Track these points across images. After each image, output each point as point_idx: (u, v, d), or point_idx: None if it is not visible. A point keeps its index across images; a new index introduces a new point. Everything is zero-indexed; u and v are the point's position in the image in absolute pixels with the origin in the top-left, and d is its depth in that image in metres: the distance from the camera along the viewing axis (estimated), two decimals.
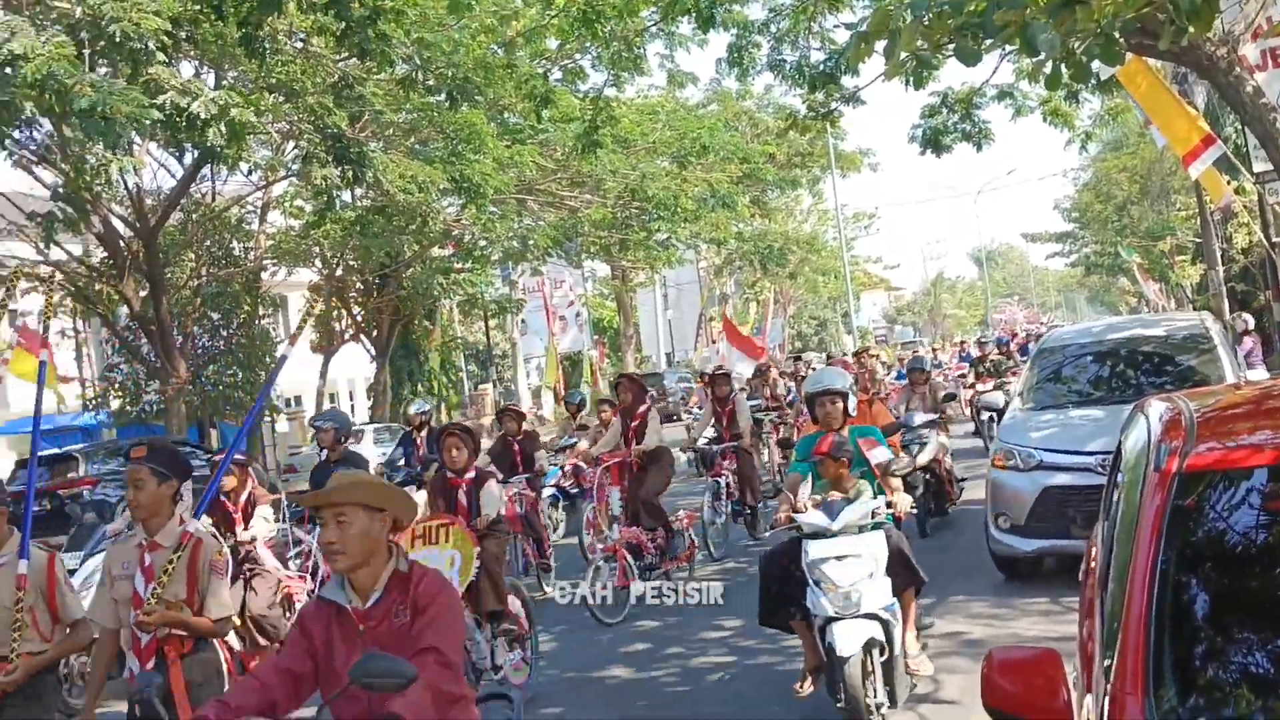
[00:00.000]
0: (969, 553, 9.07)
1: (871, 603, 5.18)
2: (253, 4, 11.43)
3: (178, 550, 4.20)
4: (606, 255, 29.19)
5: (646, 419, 9.70)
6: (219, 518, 7.33)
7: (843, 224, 39.53)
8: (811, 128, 15.26)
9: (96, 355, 27.86)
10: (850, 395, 6.05)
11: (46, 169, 17.63)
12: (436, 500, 6.89)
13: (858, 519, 5.35)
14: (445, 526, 6.02)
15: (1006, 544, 8.01)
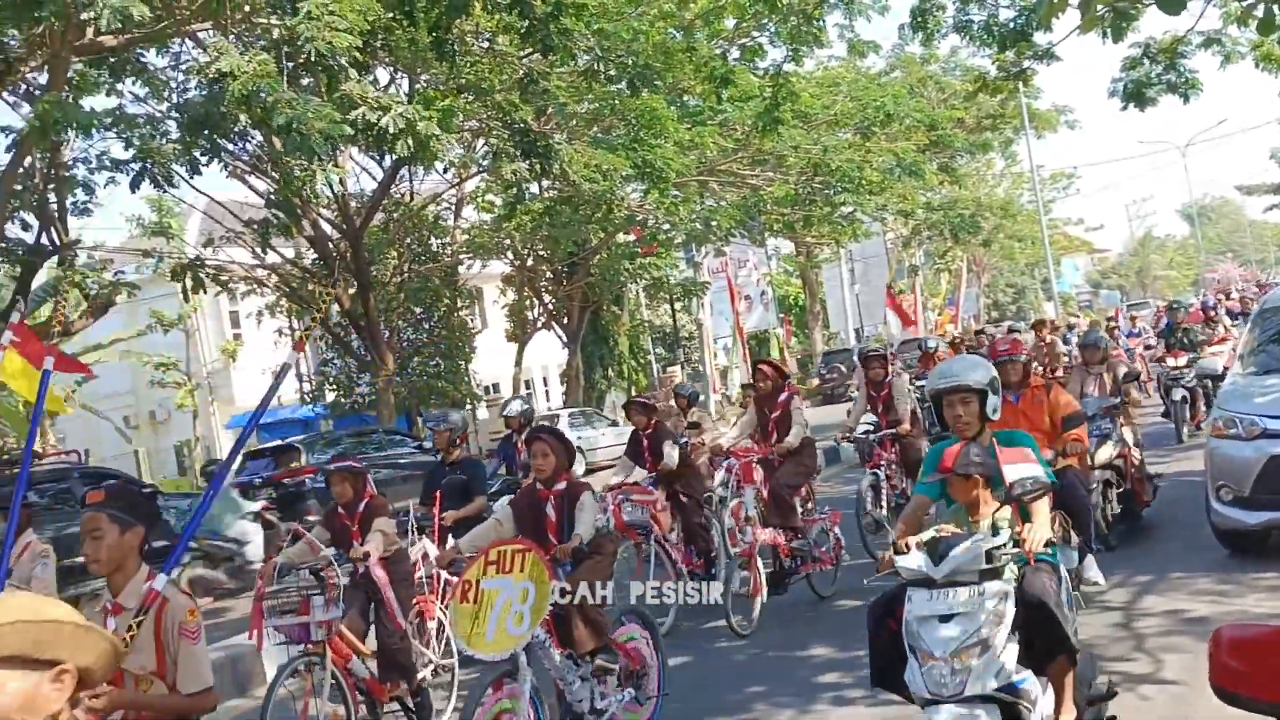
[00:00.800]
0: (1187, 527, 8.63)
1: (984, 680, 3.88)
2: (442, 8, 11.91)
3: (141, 613, 3.54)
4: (790, 232, 28.96)
5: (789, 410, 8.69)
6: (336, 532, 6.69)
7: (1039, 186, 37.94)
8: (1003, 89, 14.67)
9: (311, 351, 29.58)
10: (991, 392, 4.62)
11: (259, 178, 18.81)
12: (524, 515, 5.72)
13: (969, 562, 4.00)
14: (522, 553, 5.11)
15: (1230, 517, 7.56)
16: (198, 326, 32.94)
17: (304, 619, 5.88)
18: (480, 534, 5.74)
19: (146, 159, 12.73)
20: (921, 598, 4.01)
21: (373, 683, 6.24)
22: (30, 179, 15.00)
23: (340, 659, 6.00)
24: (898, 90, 23.60)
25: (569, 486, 5.70)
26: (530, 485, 5.94)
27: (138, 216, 23.50)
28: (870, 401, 10.28)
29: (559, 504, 5.64)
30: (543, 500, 5.69)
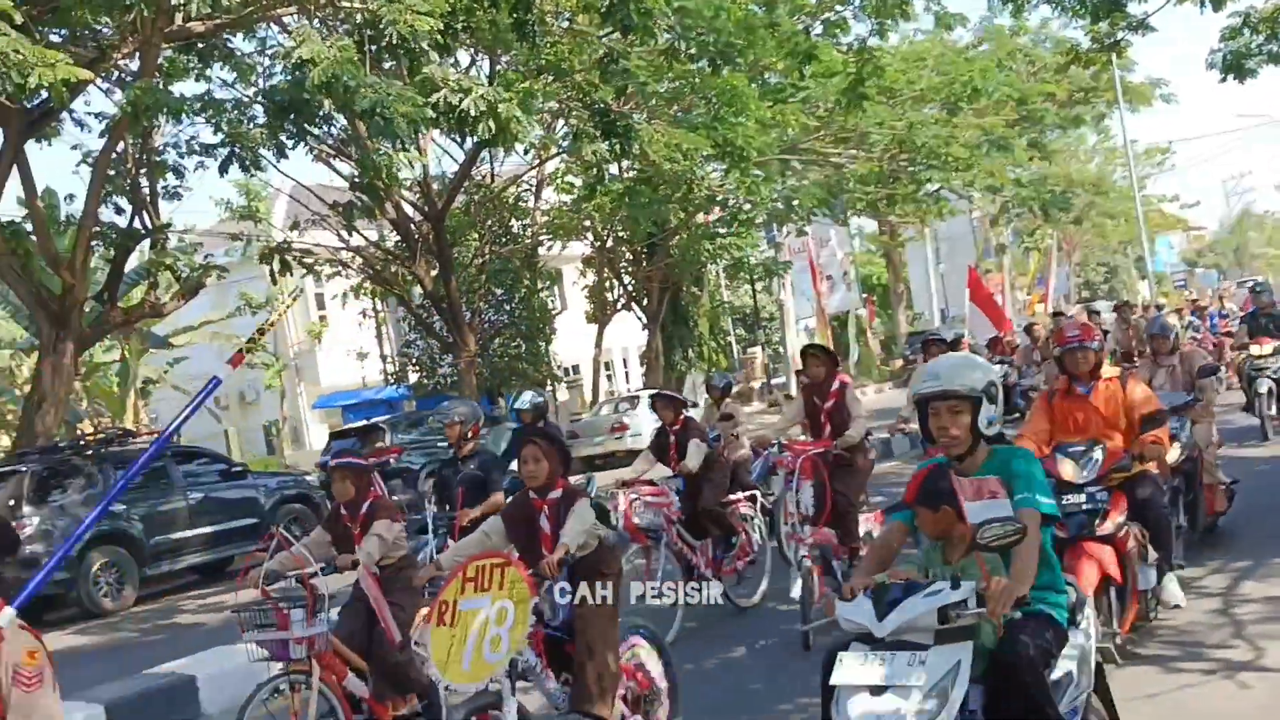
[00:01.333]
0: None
1: None
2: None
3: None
4: (873, 211, 28.55)
5: (844, 400, 7.77)
6: (337, 535, 6.16)
7: (1133, 162, 36.83)
8: (1095, 60, 14.28)
9: (395, 333, 30.00)
10: (987, 400, 3.70)
11: (343, 161, 19.06)
12: (516, 527, 5.14)
13: (918, 619, 3.28)
14: (501, 567, 4.57)
15: None
16: (285, 308, 33.60)
17: (283, 634, 5.38)
18: (465, 547, 5.17)
19: (234, 143, 12.94)
20: (853, 660, 3.31)
21: (373, 702, 5.75)
22: (123, 164, 15.39)
23: (332, 676, 5.53)
24: (986, 64, 23.02)
25: (565, 494, 5.07)
26: (524, 493, 5.20)
27: (226, 200, 24.04)
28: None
29: (553, 514, 5.00)
30: (536, 510, 5.07)
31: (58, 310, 14.04)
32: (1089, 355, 5.97)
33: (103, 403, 28.48)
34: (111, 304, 15.53)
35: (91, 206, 14.37)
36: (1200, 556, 7.46)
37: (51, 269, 14.55)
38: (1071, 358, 5.96)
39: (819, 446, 7.51)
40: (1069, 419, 5.93)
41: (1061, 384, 6.08)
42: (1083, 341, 5.98)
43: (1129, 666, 5.62)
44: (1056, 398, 6.04)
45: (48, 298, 14.17)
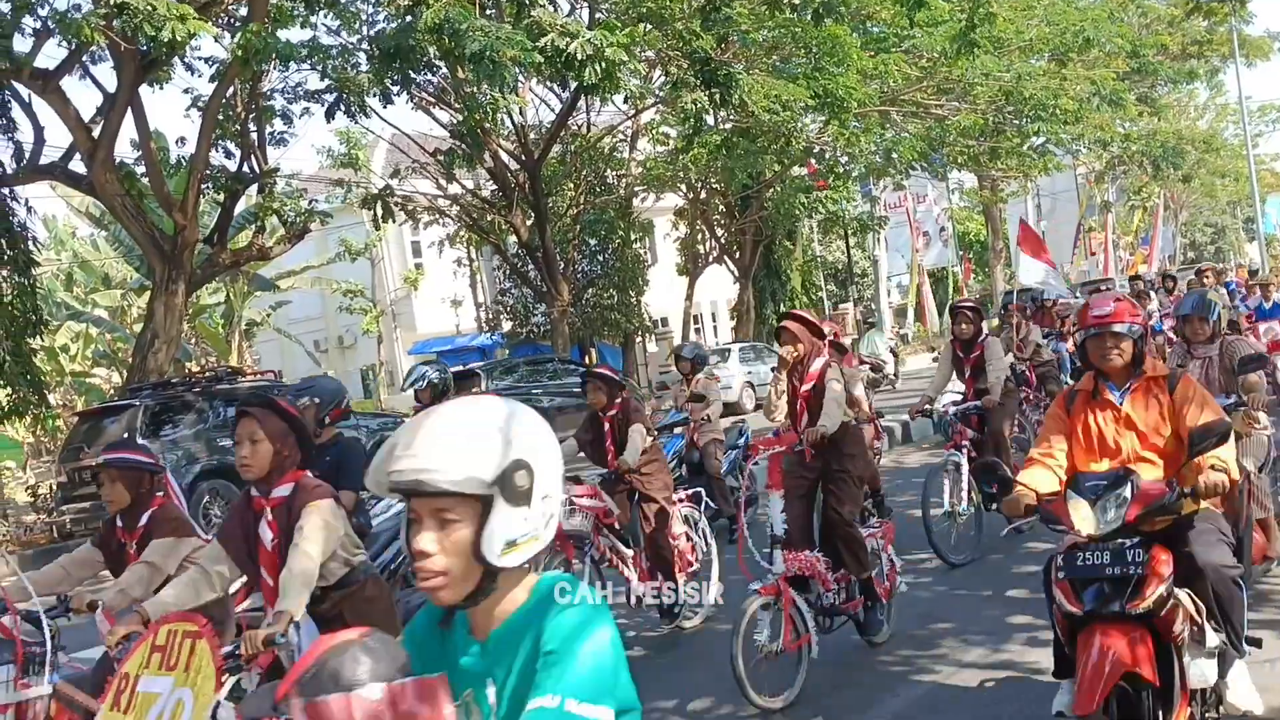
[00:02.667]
0: None
1: None
2: None
3: None
4: (975, 165, 27.82)
5: (824, 381, 5.97)
6: (111, 554, 4.68)
7: (1247, 119, 35.36)
8: (1217, 11, 13.68)
9: (489, 281, 30.32)
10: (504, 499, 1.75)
11: (443, 109, 19.21)
12: (234, 542, 3.95)
13: None
14: (193, 638, 3.37)
15: None
16: (383, 255, 34.17)
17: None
18: (179, 590, 3.86)
19: (340, 89, 13.13)
20: None
21: None
22: (232, 109, 15.73)
23: None
24: (1098, 14, 22.22)
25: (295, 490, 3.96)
26: (245, 494, 4.15)
27: (327, 148, 24.43)
28: (956, 364, 8.51)
29: (278, 519, 3.93)
30: (258, 513, 3.97)
31: (170, 250, 14.47)
32: (1122, 345, 4.11)
33: (209, 343, 29.36)
34: (221, 246, 15.95)
35: (202, 150, 14.74)
36: None
37: (164, 210, 14.98)
38: (1097, 346, 4.14)
39: (782, 443, 5.82)
40: (1094, 435, 4.19)
41: (1086, 384, 4.30)
42: (1111, 323, 4.11)
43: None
44: (1078, 402, 4.26)
45: (160, 238, 14.60)
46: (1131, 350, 4.14)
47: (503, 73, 10.68)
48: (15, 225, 15.09)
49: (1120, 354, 4.11)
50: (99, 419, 13.75)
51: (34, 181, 15.70)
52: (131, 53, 13.05)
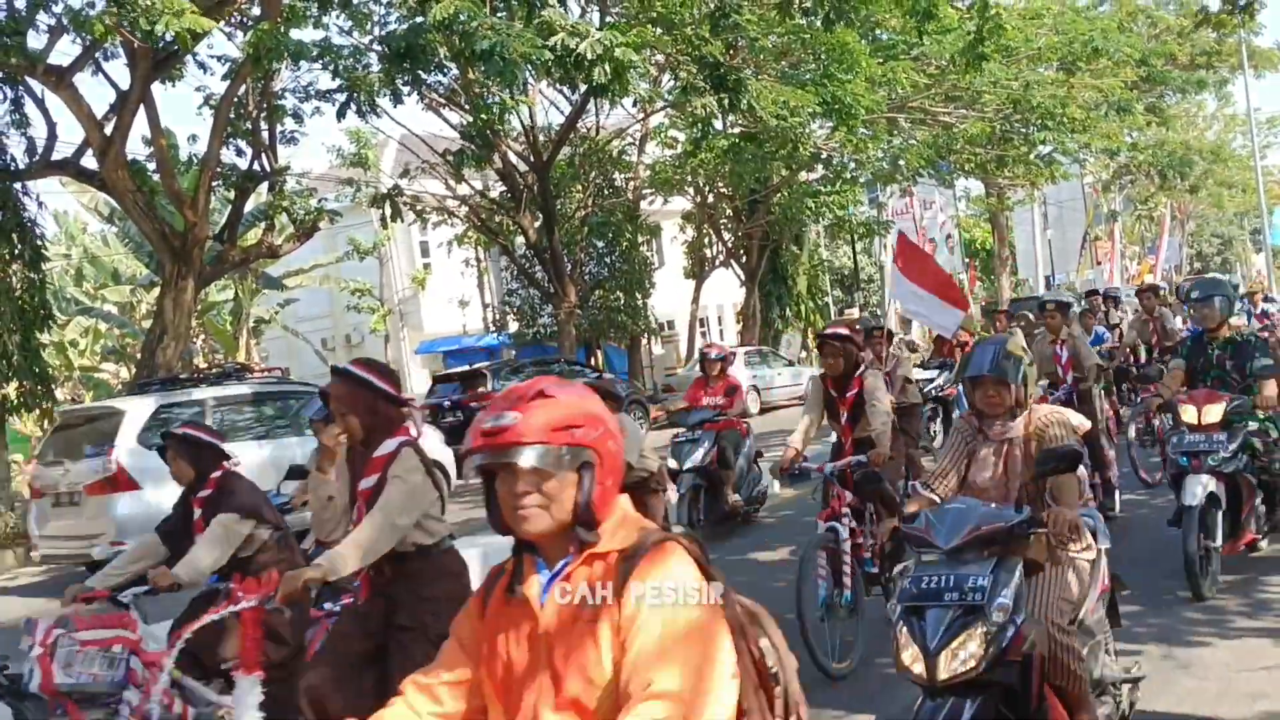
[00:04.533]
0: None
1: None
2: None
3: None
4: (982, 173, 27.89)
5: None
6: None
7: (1255, 130, 35.38)
8: (1226, 23, 13.70)
9: (496, 282, 30.41)
10: None
11: (454, 110, 19.30)
12: None
13: None
14: None
15: None
16: (391, 255, 34.26)
17: None
18: None
19: (352, 89, 13.21)
20: None
21: None
22: (244, 107, 15.83)
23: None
24: (1107, 24, 22.27)
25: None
26: None
27: (337, 147, 24.53)
28: (828, 406, 6.56)
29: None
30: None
31: (180, 247, 14.56)
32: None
33: (217, 340, 29.45)
34: (231, 243, 16.04)
35: (214, 148, 14.84)
36: None
37: (175, 207, 15.07)
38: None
39: None
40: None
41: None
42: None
43: (1241, 638, 5.55)
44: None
45: (170, 234, 14.70)
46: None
47: (512, 70, 10.74)
48: (26, 220, 15.17)
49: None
50: None
51: (46, 176, 15.79)
52: (144, 50, 13.15)
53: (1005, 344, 4.16)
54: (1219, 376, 6.62)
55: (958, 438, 4.24)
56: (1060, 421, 4.05)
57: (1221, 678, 5.07)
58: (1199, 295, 6.80)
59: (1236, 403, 6.34)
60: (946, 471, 4.15)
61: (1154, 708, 4.71)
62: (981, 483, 4.08)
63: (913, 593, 3.48)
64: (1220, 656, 5.32)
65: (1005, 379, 4.01)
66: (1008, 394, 4.02)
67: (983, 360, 4.11)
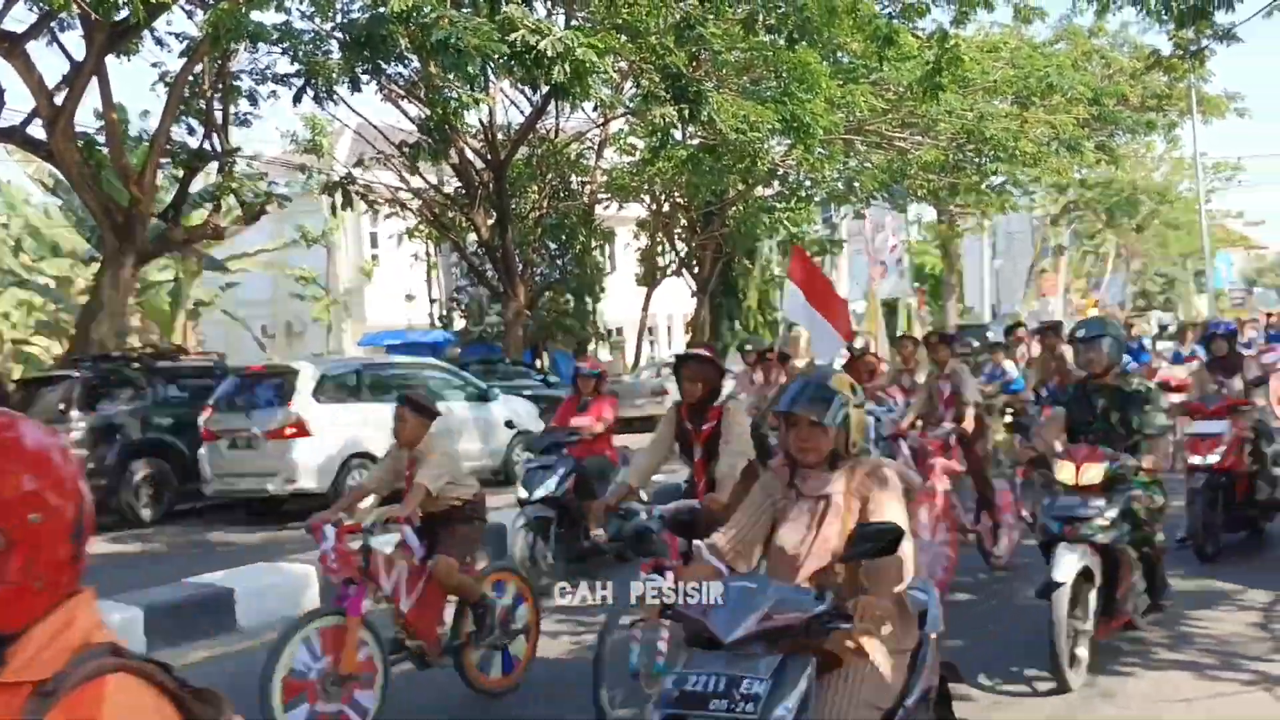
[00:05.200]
0: None
1: None
2: None
3: None
4: (934, 199, 28.27)
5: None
6: None
7: (1202, 174, 36.21)
8: (1177, 67, 13.97)
9: (445, 278, 30.19)
10: None
11: (412, 103, 19.14)
12: None
13: None
14: None
15: None
16: (339, 244, 33.90)
17: None
18: None
19: (310, 74, 13.06)
20: None
21: None
22: (199, 86, 15.58)
23: None
24: (1062, 61, 22.66)
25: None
26: None
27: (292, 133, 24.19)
28: (681, 439, 5.55)
29: None
30: None
31: (123, 222, 14.29)
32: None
33: (154, 320, 28.93)
34: (175, 222, 15.78)
35: (165, 125, 14.59)
36: (1246, 570, 7.46)
37: (121, 182, 14.80)
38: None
39: None
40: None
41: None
42: None
43: (1162, 670, 5.64)
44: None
45: (114, 209, 14.42)
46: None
47: (466, 62, 10.65)
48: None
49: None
50: (35, 388, 13.50)
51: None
52: (101, 22, 12.89)
53: (827, 377, 3.44)
54: (1103, 430, 5.77)
55: (763, 493, 3.46)
56: (887, 481, 3.29)
57: (1142, 708, 5.16)
58: (1085, 335, 6.04)
59: (1120, 462, 5.47)
60: (744, 533, 3.38)
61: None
62: (789, 550, 3.30)
63: (674, 696, 2.88)
64: (1142, 687, 5.41)
65: (821, 420, 3.25)
66: (824, 439, 3.27)
67: (796, 393, 3.36)
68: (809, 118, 17.43)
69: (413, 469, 5.56)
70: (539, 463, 8.55)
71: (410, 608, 5.43)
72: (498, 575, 5.99)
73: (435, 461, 5.54)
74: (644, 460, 5.65)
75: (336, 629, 5.04)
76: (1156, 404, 5.78)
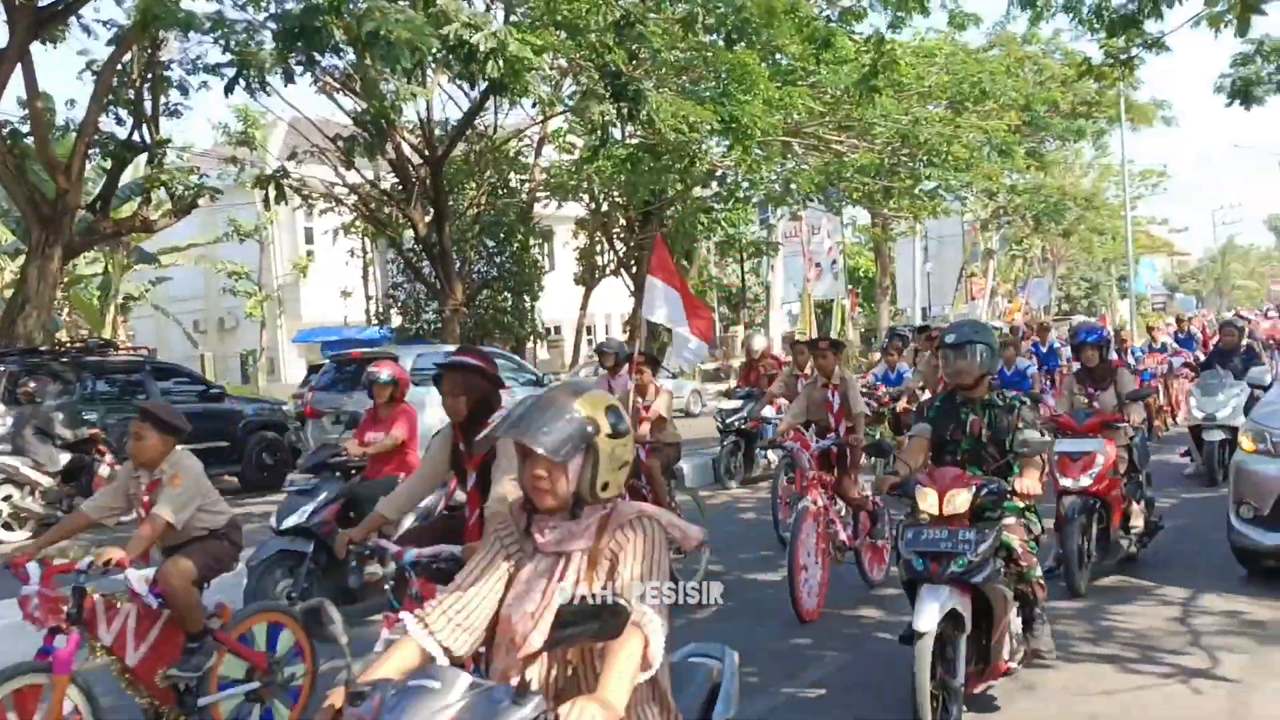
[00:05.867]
0: None
1: None
2: None
3: None
4: (869, 202, 28.59)
5: None
6: None
7: (1128, 181, 37.06)
8: (1107, 75, 14.28)
9: (381, 274, 29.91)
10: None
11: (347, 96, 18.93)
12: None
13: None
14: None
15: (1247, 535, 7.21)
16: (272, 239, 33.42)
17: None
18: None
19: (242, 64, 12.86)
20: None
21: None
22: (127, 75, 15.26)
23: None
24: (995, 67, 23.08)
25: None
26: None
27: (224, 125, 23.86)
28: (455, 463, 4.73)
29: None
30: None
31: (49, 214, 13.96)
32: None
33: (82, 314, 28.31)
34: (103, 214, 15.44)
35: (92, 114, 14.28)
36: (1165, 569, 7.67)
37: (47, 173, 14.45)
38: None
39: None
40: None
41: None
42: None
43: (1083, 663, 5.78)
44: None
45: (40, 201, 14.08)
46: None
47: (397, 54, 10.55)
48: None
49: None
50: None
51: None
52: (26, 8, 12.59)
53: (572, 395, 2.62)
54: (972, 450, 5.11)
55: (496, 542, 2.68)
56: (645, 537, 2.55)
57: (1060, 699, 5.28)
58: (953, 340, 5.21)
59: (990, 487, 4.80)
60: (466, 599, 2.59)
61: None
62: (515, 622, 2.55)
63: None
64: (1062, 679, 5.54)
65: (554, 455, 2.51)
66: (561, 478, 2.55)
67: (522, 417, 2.59)
68: (747, 119, 17.56)
69: (153, 494, 4.80)
70: (298, 487, 7.41)
71: (139, 660, 4.64)
72: (266, 616, 5.16)
73: (181, 488, 4.79)
74: (407, 488, 4.86)
75: (34, 689, 4.22)
76: (1031, 420, 5.11)
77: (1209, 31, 12.16)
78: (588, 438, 2.54)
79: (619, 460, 2.60)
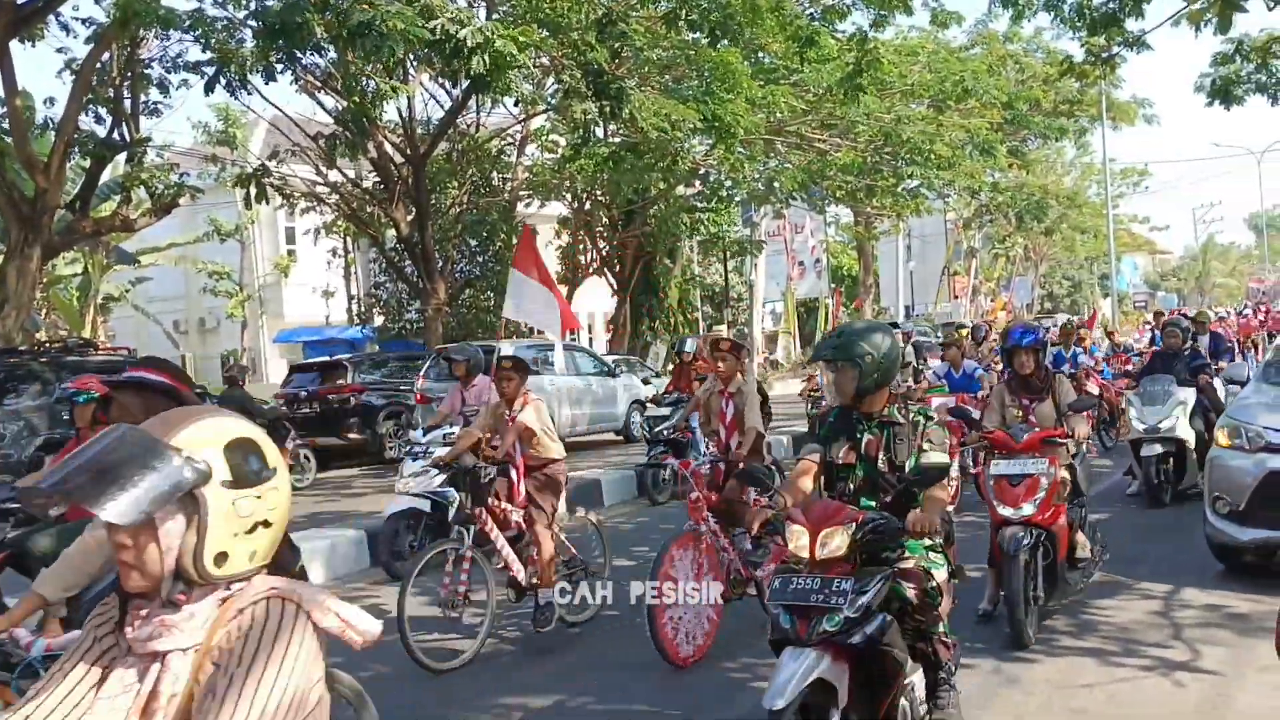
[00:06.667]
0: None
1: None
2: None
3: None
4: (852, 201, 28.65)
5: None
6: None
7: (1110, 179, 37.26)
8: (1089, 73, 14.33)
9: (363, 274, 29.80)
10: None
11: (329, 94, 18.85)
12: None
13: None
14: None
15: (1223, 530, 7.27)
16: (253, 239, 33.26)
17: None
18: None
19: (222, 62, 12.79)
20: None
21: None
22: (107, 73, 15.16)
23: None
24: (978, 66, 23.15)
25: None
26: None
27: (204, 124, 23.72)
28: None
29: None
30: None
31: (28, 213, 13.86)
32: None
33: (62, 314, 28.11)
34: (83, 213, 15.33)
35: (72, 113, 14.17)
36: (1148, 563, 7.70)
37: (26, 172, 14.34)
38: None
39: None
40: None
41: None
42: None
43: (1066, 656, 5.80)
44: None
45: (19, 200, 13.98)
46: None
47: (389, 47, 10.51)
48: None
49: None
50: None
51: None
52: (5, 6, 12.48)
53: (171, 429, 1.77)
54: (868, 476, 4.25)
55: (88, 634, 1.90)
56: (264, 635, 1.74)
57: (1044, 693, 5.29)
58: (828, 352, 4.37)
59: (876, 524, 3.86)
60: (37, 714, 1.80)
61: None
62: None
63: None
64: (1045, 673, 5.56)
65: (124, 520, 1.66)
66: (152, 545, 1.75)
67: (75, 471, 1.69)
68: (730, 117, 17.53)
69: None
70: None
71: None
72: None
73: None
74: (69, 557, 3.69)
75: None
76: (940, 441, 4.21)
77: (1189, 31, 12.25)
78: (187, 487, 1.71)
79: (248, 520, 1.77)
